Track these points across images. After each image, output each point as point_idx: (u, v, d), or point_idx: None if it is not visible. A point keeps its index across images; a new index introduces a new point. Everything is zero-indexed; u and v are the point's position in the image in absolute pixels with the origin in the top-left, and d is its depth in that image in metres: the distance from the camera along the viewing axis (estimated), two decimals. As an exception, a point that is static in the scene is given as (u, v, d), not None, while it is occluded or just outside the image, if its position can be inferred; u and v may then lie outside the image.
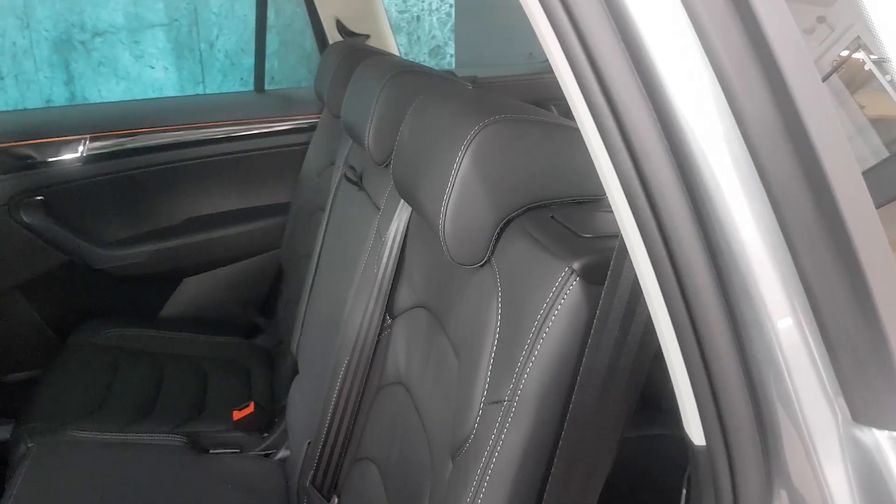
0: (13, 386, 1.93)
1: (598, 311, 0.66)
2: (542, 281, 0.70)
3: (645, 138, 0.50)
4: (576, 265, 0.69)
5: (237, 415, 1.55)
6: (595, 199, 0.80)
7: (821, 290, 0.48)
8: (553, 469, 0.72)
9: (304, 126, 2.10)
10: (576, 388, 0.69)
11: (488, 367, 0.75)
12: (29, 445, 1.41)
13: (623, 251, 0.61)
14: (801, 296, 0.48)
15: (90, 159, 1.93)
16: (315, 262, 1.57)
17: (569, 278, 0.69)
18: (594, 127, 0.53)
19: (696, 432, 0.55)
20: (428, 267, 1.00)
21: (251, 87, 2.36)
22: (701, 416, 0.53)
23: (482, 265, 0.81)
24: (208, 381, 1.74)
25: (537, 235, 0.75)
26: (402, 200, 1.07)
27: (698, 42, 0.48)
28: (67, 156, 1.91)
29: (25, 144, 1.88)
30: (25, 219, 1.87)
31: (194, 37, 3.20)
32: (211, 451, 1.49)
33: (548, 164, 0.80)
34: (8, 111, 2.94)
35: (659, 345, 0.57)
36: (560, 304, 0.69)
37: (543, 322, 0.69)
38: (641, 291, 0.57)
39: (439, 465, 0.83)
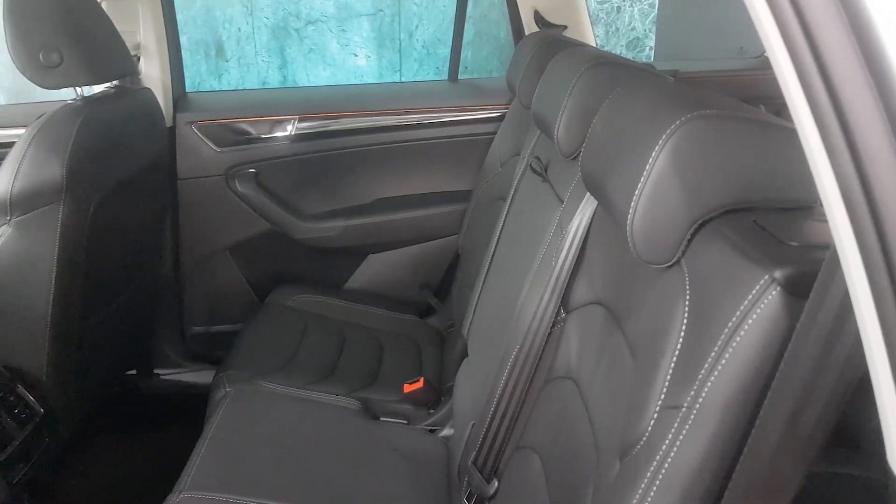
0: (217, 336, 2.15)
1: (798, 326, 0.61)
2: (737, 287, 0.66)
3: (871, 141, 0.45)
4: (777, 274, 0.64)
5: (407, 388, 1.62)
6: (806, 207, 0.74)
7: None
8: (729, 487, 0.68)
9: (493, 116, 2.14)
10: (764, 404, 0.65)
11: (668, 370, 0.73)
12: (227, 390, 1.57)
13: (834, 263, 0.56)
14: None
15: (297, 138, 2.10)
16: (492, 250, 1.59)
17: (768, 287, 0.64)
18: (814, 126, 0.49)
19: None
20: (609, 264, 0.98)
21: (445, 76, 2.43)
22: None
23: (670, 266, 0.78)
24: (383, 353, 1.83)
25: (736, 239, 0.71)
26: (588, 194, 1.05)
27: None
28: (278, 133, 2.09)
29: (244, 121, 2.08)
30: (239, 188, 2.07)
31: (395, 27, 3.36)
32: (381, 419, 1.57)
33: (754, 166, 0.75)
34: (231, 90, 3.28)
35: (866, 370, 0.52)
36: (755, 313, 0.65)
37: (735, 331, 0.66)
38: (851, 309, 0.52)
39: (605, 464, 0.82)
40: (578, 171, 1.02)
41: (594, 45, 2.04)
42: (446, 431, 1.55)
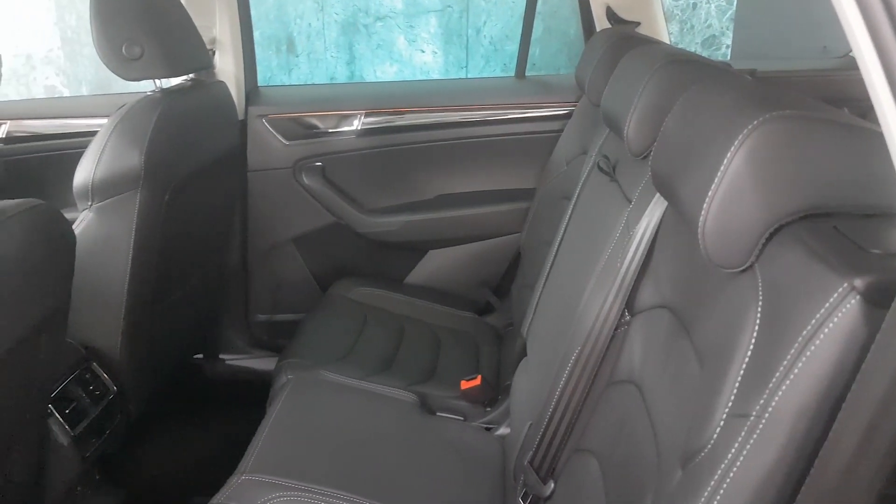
0: (281, 325, 2.20)
1: (878, 337, 0.58)
2: (813, 295, 0.64)
3: None
4: (857, 282, 0.61)
5: (464, 384, 1.62)
6: (890, 214, 0.71)
7: None
8: (796, 501, 0.66)
9: (560, 113, 2.12)
10: (838, 417, 0.62)
11: (737, 378, 0.71)
12: (288, 377, 1.61)
13: None
14: None
15: (363, 133, 2.12)
16: (555, 249, 1.58)
17: (847, 296, 0.62)
18: None
19: None
20: (678, 267, 0.96)
21: (512, 72, 2.41)
22: None
23: (743, 270, 0.76)
24: (440, 349, 1.84)
25: (814, 245, 0.68)
26: (658, 194, 1.03)
27: None
28: (345, 128, 2.12)
29: (312, 115, 2.11)
30: (306, 181, 2.11)
31: (463, 23, 3.36)
32: (437, 414, 1.58)
33: (836, 169, 0.72)
34: (300, 85, 3.34)
35: None
36: (832, 322, 0.62)
37: (810, 339, 0.63)
38: None
39: (666, 471, 0.80)
40: (648, 170, 1.00)
41: (668, 43, 1.99)
42: (502, 430, 1.54)
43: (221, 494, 1.22)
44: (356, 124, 2.12)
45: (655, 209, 1.04)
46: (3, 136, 2.05)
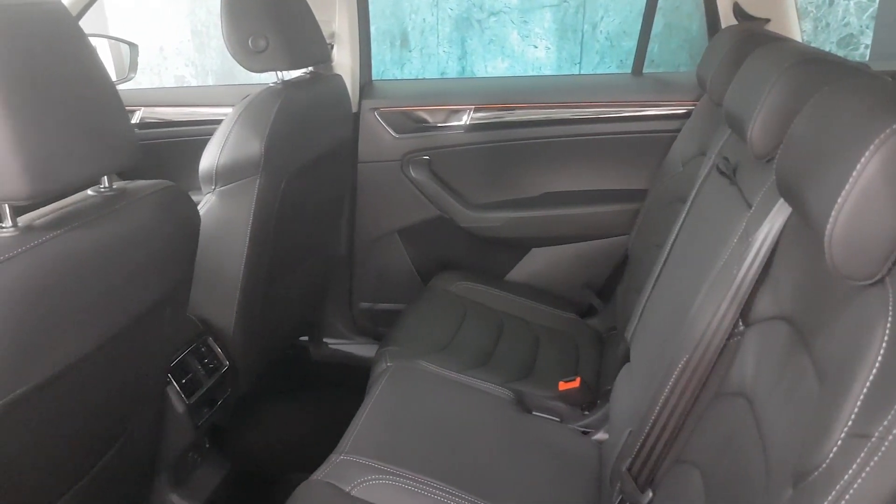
0: (382, 313, 2.25)
1: None
2: None
3: None
4: None
5: (563, 385, 1.60)
6: None
7: None
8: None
9: (678, 113, 2.04)
10: None
11: (859, 396, 0.66)
12: (388, 365, 1.64)
13: None
14: None
15: (471, 128, 2.13)
16: (666, 253, 1.52)
17: None
18: None
19: None
20: (800, 277, 0.90)
21: (627, 69, 2.35)
22: None
23: (872, 283, 0.70)
24: (539, 348, 1.82)
25: None
26: (781, 200, 0.98)
27: None
28: (454, 122, 2.14)
29: (422, 109, 2.14)
30: (413, 174, 2.14)
31: (579, 18, 3.30)
32: (534, 413, 1.57)
33: None
34: (412, 79, 3.39)
35: None
36: None
37: None
38: None
39: (776, 489, 0.76)
40: (771, 174, 0.95)
41: (800, 41, 1.88)
42: (600, 435, 1.51)
43: (320, 472, 1.26)
44: (465, 119, 2.13)
45: (778, 215, 0.99)
46: (137, 121, 2.20)
